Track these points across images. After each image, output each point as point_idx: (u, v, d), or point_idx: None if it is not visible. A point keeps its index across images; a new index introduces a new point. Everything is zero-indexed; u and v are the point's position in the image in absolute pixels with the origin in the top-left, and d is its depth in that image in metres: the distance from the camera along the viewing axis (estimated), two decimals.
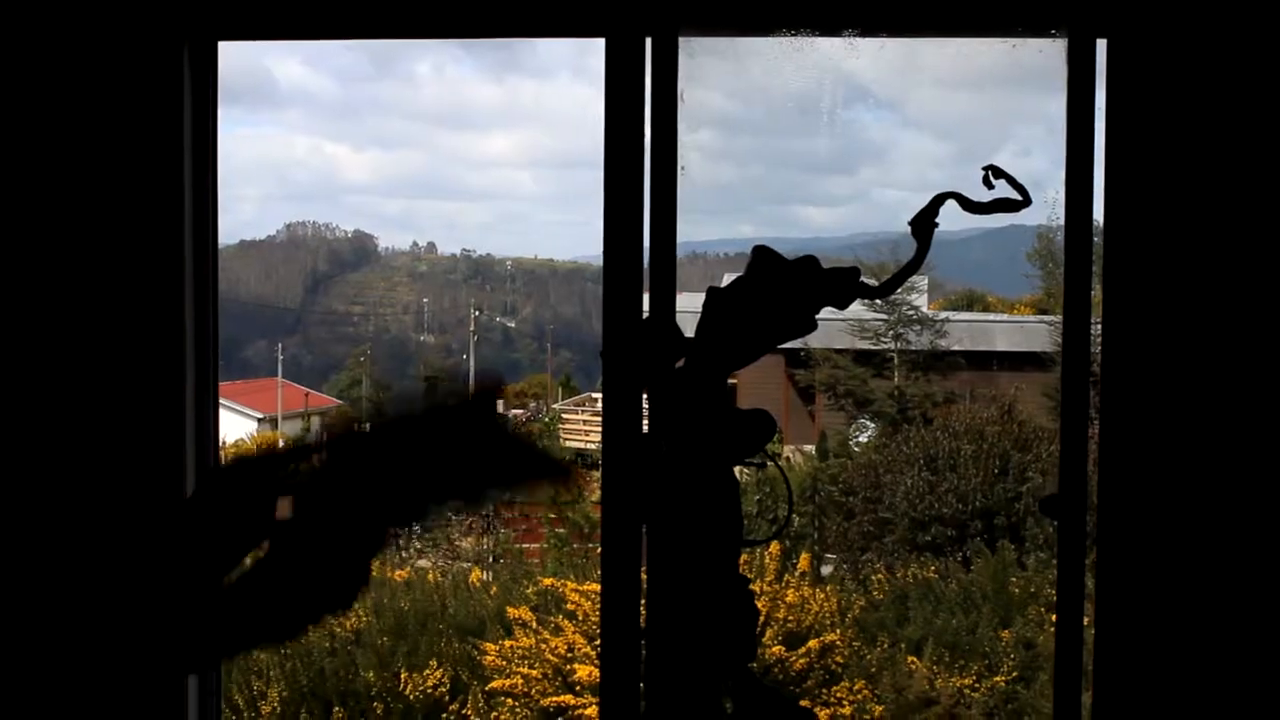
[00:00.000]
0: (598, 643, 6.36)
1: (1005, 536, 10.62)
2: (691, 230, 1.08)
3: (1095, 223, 2.33)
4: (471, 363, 24.34)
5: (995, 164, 1.15)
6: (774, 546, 7.46)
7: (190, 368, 2.57)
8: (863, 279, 1.19)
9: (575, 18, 2.45)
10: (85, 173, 2.50)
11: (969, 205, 1.14)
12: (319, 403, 23.20)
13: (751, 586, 1.22)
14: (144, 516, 1.07)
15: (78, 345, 2.52)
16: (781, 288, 1.20)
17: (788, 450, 18.27)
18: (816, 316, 1.24)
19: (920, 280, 20.17)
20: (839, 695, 6.83)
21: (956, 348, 20.72)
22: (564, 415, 23.20)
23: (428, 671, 6.96)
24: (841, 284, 1.17)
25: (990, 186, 1.12)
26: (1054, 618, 2.44)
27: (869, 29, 2.38)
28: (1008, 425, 12.12)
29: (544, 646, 6.73)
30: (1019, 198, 1.13)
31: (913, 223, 1.16)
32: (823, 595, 7.32)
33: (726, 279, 1.56)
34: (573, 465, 1.17)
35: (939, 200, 1.15)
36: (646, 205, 2.35)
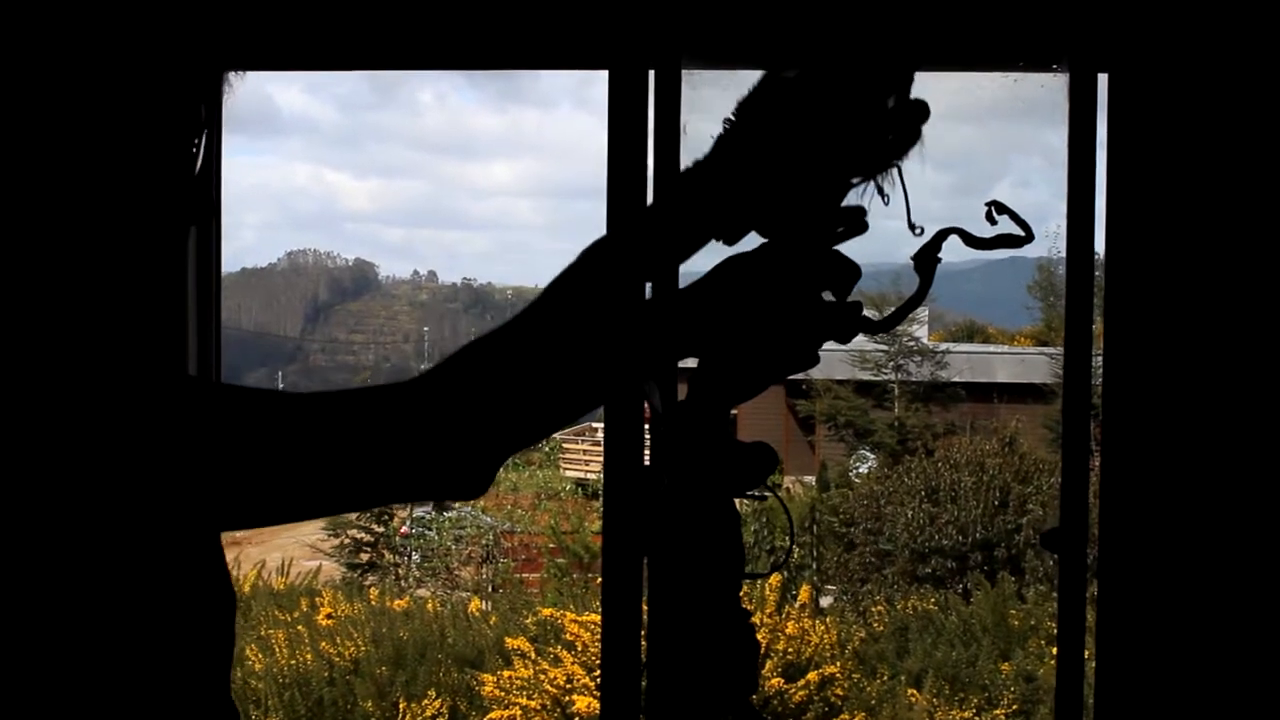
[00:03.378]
0: (596, 674, 6.34)
1: (1005, 569, 10.60)
2: (692, 259, 1.08)
3: (1096, 255, 2.33)
4: None
5: (998, 199, 1.15)
6: (774, 578, 7.44)
7: None
8: (864, 313, 1.19)
9: (580, 50, 2.46)
10: (85, 199, 2.50)
11: (971, 241, 1.13)
12: None
13: (752, 619, 1.22)
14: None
15: (76, 372, 2.51)
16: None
17: (788, 481, 18.26)
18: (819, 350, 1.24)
19: (921, 312, 20.19)
20: None
21: (957, 379, 20.75)
22: (564, 445, 23.18)
23: (426, 702, 6.93)
24: (843, 319, 1.16)
25: (993, 222, 1.12)
26: (1054, 651, 2.43)
27: None
28: (1008, 457, 12.11)
29: (543, 677, 6.71)
30: (1021, 233, 1.13)
31: (915, 258, 1.15)
32: (822, 627, 7.29)
33: None
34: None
35: (942, 236, 1.14)
36: None
